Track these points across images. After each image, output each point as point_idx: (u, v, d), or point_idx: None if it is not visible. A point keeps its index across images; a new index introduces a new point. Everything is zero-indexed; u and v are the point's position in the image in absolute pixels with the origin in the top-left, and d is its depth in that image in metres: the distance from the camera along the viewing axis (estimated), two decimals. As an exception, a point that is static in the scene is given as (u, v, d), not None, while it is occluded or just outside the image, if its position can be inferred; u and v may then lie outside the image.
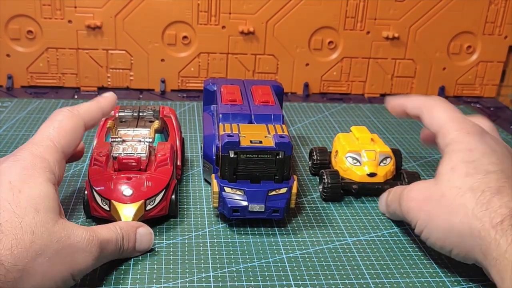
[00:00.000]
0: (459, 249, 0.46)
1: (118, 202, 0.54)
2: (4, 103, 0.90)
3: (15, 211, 0.42)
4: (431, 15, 1.00)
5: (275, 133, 0.58)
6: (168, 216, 0.58)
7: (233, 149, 0.55)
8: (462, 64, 1.05)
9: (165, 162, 0.58)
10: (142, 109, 0.68)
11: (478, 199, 0.45)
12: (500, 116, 0.99)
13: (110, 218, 0.54)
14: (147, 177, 0.56)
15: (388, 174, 0.64)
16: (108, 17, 0.95)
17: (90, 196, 0.55)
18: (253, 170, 0.56)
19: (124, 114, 0.67)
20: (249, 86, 0.72)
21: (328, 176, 0.63)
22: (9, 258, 0.39)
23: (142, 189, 0.55)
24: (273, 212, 0.55)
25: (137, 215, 0.54)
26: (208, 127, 0.67)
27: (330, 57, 1.02)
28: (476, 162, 0.48)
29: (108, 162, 0.58)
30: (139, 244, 0.51)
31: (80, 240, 0.45)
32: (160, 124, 0.65)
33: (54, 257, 0.42)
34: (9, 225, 0.40)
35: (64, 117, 0.51)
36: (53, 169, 0.47)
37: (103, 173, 0.56)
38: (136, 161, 0.57)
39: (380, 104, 1.00)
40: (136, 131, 0.63)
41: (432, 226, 0.48)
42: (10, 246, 0.40)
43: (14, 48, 0.96)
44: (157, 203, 0.55)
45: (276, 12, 0.97)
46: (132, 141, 0.61)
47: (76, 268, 0.44)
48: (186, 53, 0.99)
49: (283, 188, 0.56)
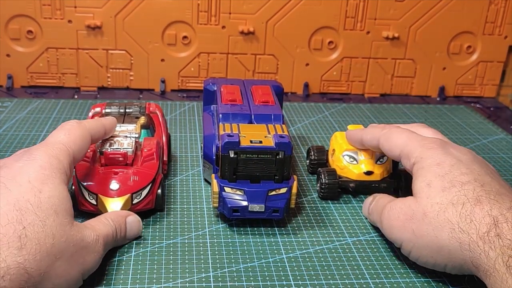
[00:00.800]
0: (453, 263, 0.46)
1: (105, 196, 0.55)
2: (4, 103, 0.90)
3: (37, 213, 0.41)
4: (431, 15, 1.00)
5: (275, 133, 0.58)
6: (155, 210, 0.59)
7: (233, 149, 0.55)
8: (462, 64, 1.05)
9: (151, 156, 0.59)
10: (129, 106, 0.69)
11: (461, 213, 0.45)
12: (500, 116, 0.99)
13: (97, 212, 0.55)
14: (133, 171, 0.57)
15: (385, 172, 0.64)
16: (108, 17, 0.95)
17: (77, 191, 0.56)
18: (253, 170, 0.56)
19: (110, 110, 0.68)
20: (249, 86, 0.72)
21: (325, 175, 0.63)
22: (33, 263, 0.39)
23: (128, 183, 0.56)
24: (273, 212, 0.55)
25: (123, 209, 0.54)
26: (208, 127, 0.67)
27: (330, 57, 1.02)
28: (449, 175, 0.48)
29: (95, 157, 0.59)
30: (129, 232, 0.53)
31: (90, 241, 0.45)
32: (146, 120, 0.66)
33: (70, 260, 0.42)
34: (32, 228, 0.40)
35: (72, 127, 0.52)
36: (66, 171, 0.47)
37: (90, 168, 0.57)
38: (122, 156, 0.58)
39: (380, 104, 1.00)
40: (123, 126, 0.64)
41: (420, 245, 0.48)
42: (34, 251, 0.39)
43: (14, 48, 0.96)
44: (144, 197, 0.56)
45: (276, 12, 0.97)
46: (119, 137, 0.61)
47: (86, 268, 0.45)
48: (186, 53, 0.99)
49: (283, 188, 0.56)
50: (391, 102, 1.02)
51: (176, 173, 0.69)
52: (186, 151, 0.75)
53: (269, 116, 0.63)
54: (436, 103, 1.03)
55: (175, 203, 0.62)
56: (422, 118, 0.93)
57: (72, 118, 0.85)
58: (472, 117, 0.96)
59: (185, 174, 0.69)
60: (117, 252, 0.52)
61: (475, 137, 0.86)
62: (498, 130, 0.90)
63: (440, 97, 1.06)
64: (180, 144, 0.77)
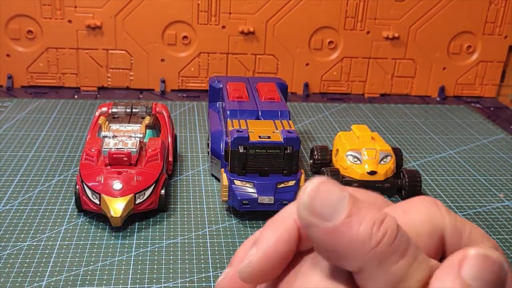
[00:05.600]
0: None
1: (108, 196, 0.55)
2: (4, 103, 0.90)
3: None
4: (431, 15, 1.00)
5: (282, 128, 0.60)
6: (158, 211, 0.59)
7: (243, 144, 0.57)
8: (462, 64, 1.05)
9: (155, 157, 0.59)
10: (135, 106, 0.69)
11: None
12: (500, 116, 0.99)
13: (100, 212, 0.55)
14: (137, 171, 0.57)
15: (388, 172, 0.64)
16: (108, 17, 0.95)
17: (81, 190, 0.56)
18: (262, 165, 0.57)
19: (117, 110, 0.68)
20: (254, 83, 0.73)
21: (329, 174, 0.63)
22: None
23: (132, 183, 0.56)
24: (282, 204, 0.56)
25: (126, 209, 0.54)
26: (214, 123, 0.68)
27: (330, 57, 1.02)
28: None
29: (99, 157, 0.59)
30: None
31: None
32: (152, 120, 0.66)
33: None
34: None
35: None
36: None
37: (94, 168, 0.57)
38: (126, 156, 0.58)
39: (380, 104, 1.00)
40: (128, 127, 0.64)
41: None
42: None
43: (14, 48, 0.96)
44: (147, 197, 0.56)
45: (276, 12, 0.97)
46: (123, 137, 0.61)
47: None
48: (186, 53, 0.99)
49: (291, 180, 0.57)
50: (391, 102, 1.02)
51: (176, 173, 0.69)
52: (186, 150, 0.75)
53: (276, 112, 0.64)
54: (436, 103, 1.03)
55: (175, 203, 0.62)
56: (422, 118, 0.93)
57: (72, 118, 0.85)
58: (472, 117, 0.96)
59: (185, 174, 0.69)
60: (117, 252, 0.52)
61: (475, 137, 0.86)
62: (498, 130, 0.90)
63: (440, 97, 1.06)
64: (180, 143, 0.77)
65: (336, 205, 0.20)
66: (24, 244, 0.53)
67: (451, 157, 0.78)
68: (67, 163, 0.70)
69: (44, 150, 0.73)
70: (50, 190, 0.63)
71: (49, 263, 0.50)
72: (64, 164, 0.69)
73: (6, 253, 0.51)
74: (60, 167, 0.69)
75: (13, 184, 0.64)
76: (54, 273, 0.49)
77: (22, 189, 0.63)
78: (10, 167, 0.68)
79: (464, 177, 0.72)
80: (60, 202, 0.60)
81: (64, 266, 0.50)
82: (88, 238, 0.54)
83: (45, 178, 0.66)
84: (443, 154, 0.79)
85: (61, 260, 0.51)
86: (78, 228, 0.56)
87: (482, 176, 0.73)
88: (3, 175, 0.66)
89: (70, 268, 0.50)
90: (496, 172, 0.74)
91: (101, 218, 0.57)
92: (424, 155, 0.78)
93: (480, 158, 0.78)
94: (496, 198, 0.67)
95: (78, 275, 0.49)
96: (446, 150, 0.81)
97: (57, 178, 0.66)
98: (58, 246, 0.53)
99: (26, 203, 0.60)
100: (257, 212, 0.59)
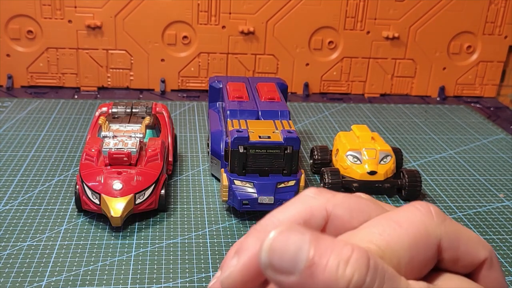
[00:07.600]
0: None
1: (108, 196, 0.55)
2: (4, 103, 0.90)
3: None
4: (431, 15, 1.00)
5: (282, 128, 0.60)
6: (158, 211, 0.59)
7: (243, 144, 0.57)
8: (462, 64, 1.05)
9: (155, 157, 0.59)
10: (135, 106, 0.69)
11: None
12: (500, 116, 0.99)
13: (100, 212, 0.55)
14: (137, 171, 0.57)
15: (388, 172, 0.64)
16: (108, 17, 0.95)
17: (81, 190, 0.56)
18: (262, 165, 0.57)
19: (117, 110, 0.68)
20: (254, 83, 0.73)
21: (329, 175, 0.63)
22: None
23: (132, 183, 0.56)
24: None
25: (126, 209, 0.54)
26: (214, 123, 0.68)
27: (330, 57, 1.02)
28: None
29: (99, 157, 0.59)
30: None
31: None
32: (152, 120, 0.66)
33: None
34: None
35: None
36: None
37: (94, 168, 0.57)
38: (126, 156, 0.58)
39: (380, 104, 1.00)
40: (128, 127, 0.64)
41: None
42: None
43: (14, 48, 0.96)
44: (147, 197, 0.56)
45: (276, 12, 0.97)
46: (123, 137, 0.61)
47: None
48: (186, 53, 0.99)
49: (291, 180, 0.57)
50: (391, 102, 1.02)
51: (176, 173, 0.69)
52: (186, 150, 0.75)
53: (275, 112, 0.64)
54: (436, 103, 1.03)
55: (175, 203, 0.62)
56: (422, 118, 0.93)
57: (72, 118, 0.85)
58: (472, 117, 0.96)
59: (185, 174, 0.69)
60: (117, 252, 0.52)
61: (475, 137, 0.86)
62: (498, 130, 0.90)
63: (440, 97, 1.06)
64: (180, 143, 0.77)
65: (294, 257, 0.19)
66: (24, 244, 0.53)
67: (451, 157, 0.78)
68: (67, 163, 0.70)
69: (44, 150, 0.73)
70: (50, 190, 0.63)
71: (49, 263, 0.50)
72: (64, 164, 0.69)
73: (6, 253, 0.51)
74: (60, 167, 0.69)
75: (13, 184, 0.64)
76: (54, 273, 0.49)
77: (22, 189, 0.63)
78: (10, 167, 0.68)
79: (464, 177, 0.72)
80: (60, 202, 0.61)
81: (64, 266, 0.50)
82: (88, 238, 0.54)
83: (45, 178, 0.66)
84: (443, 154, 0.79)
85: (61, 260, 0.51)
86: (78, 228, 0.56)
87: (482, 176, 0.73)
88: (3, 175, 0.66)
89: (70, 268, 0.50)
90: (496, 172, 0.74)
91: (101, 218, 0.57)
92: (424, 155, 0.78)
93: (480, 158, 0.78)
94: (496, 198, 0.67)
95: (78, 275, 0.49)
96: (446, 150, 0.81)
97: (57, 178, 0.66)
98: (58, 246, 0.53)
99: (26, 203, 0.60)
100: (257, 212, 0.59)
